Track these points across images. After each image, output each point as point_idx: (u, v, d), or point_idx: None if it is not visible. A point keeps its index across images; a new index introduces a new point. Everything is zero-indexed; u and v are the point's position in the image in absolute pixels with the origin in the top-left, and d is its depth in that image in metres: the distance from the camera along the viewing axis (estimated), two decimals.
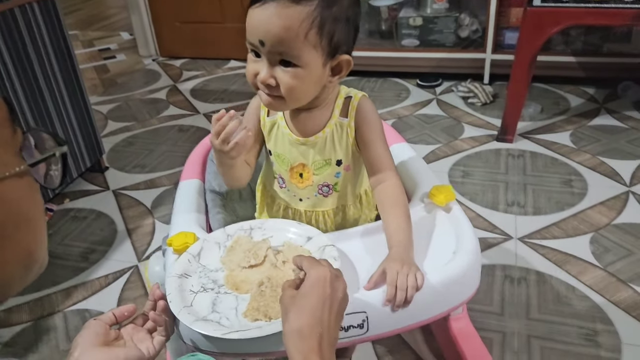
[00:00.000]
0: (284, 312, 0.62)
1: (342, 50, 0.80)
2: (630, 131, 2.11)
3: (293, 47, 0.75)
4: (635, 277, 1.41)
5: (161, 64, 3.15)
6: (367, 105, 0.88)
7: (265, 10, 0.74)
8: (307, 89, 0.81)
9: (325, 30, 0.76)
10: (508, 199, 1.76)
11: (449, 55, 2.57)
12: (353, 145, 0.89)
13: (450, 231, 0.86)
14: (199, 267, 0.80)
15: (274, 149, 0.93)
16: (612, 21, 1.83)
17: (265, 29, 0.75)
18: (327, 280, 0.62)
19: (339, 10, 0.76)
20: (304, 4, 0.74)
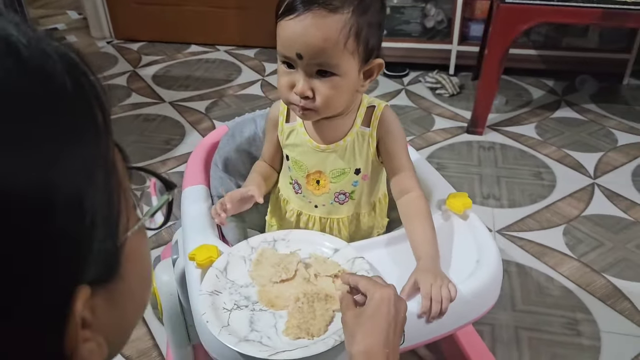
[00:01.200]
0: (350, 333, 0.62)
1: (375, 55, 0.80)
2: (590, 124, 2.21)
3: (333, 56, 0.75)
4: (607, 267, 1.50)
5: (117, 47, 3.00)
6: (390, 115, 0.89)
7: (301, 22, 0.73)
8: (344, 98, 0.81)
9: (362, 37, 0.76)
10: (484, 192, 1.81)
11: (416, 45, 2.59)
12: (373, 155, 0.89)
13: (470, 239, 0.87)
14: (228, 282, 0.78)
15: (292, 155, 0.91)
16: (580, 20, 1.91)
17: (304, 42, 0.74)
18: (392, 301, 0.63)
19: (372, 16, 0.77)
20: (341, 12, 0.73)
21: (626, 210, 1.71)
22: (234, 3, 2.86)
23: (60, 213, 0.28)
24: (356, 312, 0.64)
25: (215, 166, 1.05)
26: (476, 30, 2.54)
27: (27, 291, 0.27)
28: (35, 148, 0.27)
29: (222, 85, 2.55)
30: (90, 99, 0.32)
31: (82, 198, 0.29)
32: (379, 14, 0.79)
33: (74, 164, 0.29)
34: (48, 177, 0.27)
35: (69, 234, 0.29)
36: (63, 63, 0.30)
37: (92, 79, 0.33)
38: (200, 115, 2.30)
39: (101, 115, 0.32)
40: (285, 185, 0.97)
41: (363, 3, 0.75)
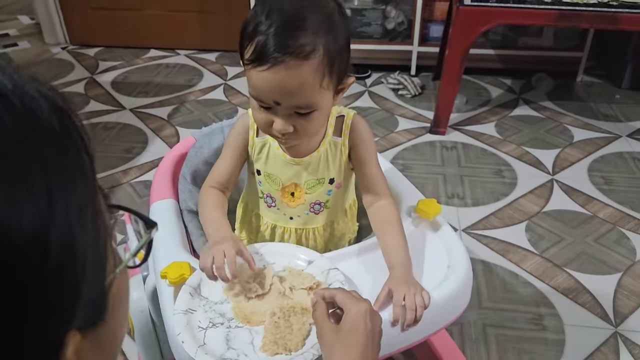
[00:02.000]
0: (328, 349, 0.62)
1: (347, 75, 0.80)
2: (547, 121, 2.28)
3: (310, 99, 0.76)
4: (568, 261, 1.55)
5: (73, 53, 2.92)
6: (361, 123, 0.90)
7: (276, 74, 0.72)
8: (322, 124, 0.84)
9: (335, 69, 0.76)
10: (448, 192, 1.85)
11: (377, 47, 2.62)
12: (346, 164, 0.91)
13: (440, 244, 0.89)
14: (202, 300, 0.77)
15: (264, 169, 0.91)
16: (536, 21, 1.97)
17: (281, 92, 0.74)
18: (368, 315, 0.64)
19: (341, 42, 0.77)
20: (313, 57, 0.73)
21: (583, 205, 1.78)
22: (194, 6, 2.82)
23: (54, 258, 0.27)
24: (333, 327, 0.64)
25: (184, 179, 1.04)
26: (436, 31, 2.58)
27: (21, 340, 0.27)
28: (30, 194, 0.27)
29: (183, 90, 2.52)
30: (77, 140, 0.31)
31: (75, 242, 0.29)
32: (346, 33, 0.79)
33: (67, 207, 0.28)
34: (43, 222, 0.27)
35: (63, 279, 0.28)
36: (49, 106, 0.30)
37: (76, 121, 0.32)
38: (162, 121, 2.26)
39: (87, 157, 0.32)
40: (254, 200, 0.97)
41: (331, 34, 0.75)
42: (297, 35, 0.72)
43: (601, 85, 2.58)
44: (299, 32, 0.72)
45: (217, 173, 0.92)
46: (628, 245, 1.61)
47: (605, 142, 2.13)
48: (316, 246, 0.97)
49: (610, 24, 1.85)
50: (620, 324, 1.36)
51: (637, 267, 1.53)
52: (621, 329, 1.34)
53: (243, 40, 0.76)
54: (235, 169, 0.93)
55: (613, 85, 2.57)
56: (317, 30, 0.73)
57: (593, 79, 2.63)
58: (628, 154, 2.05)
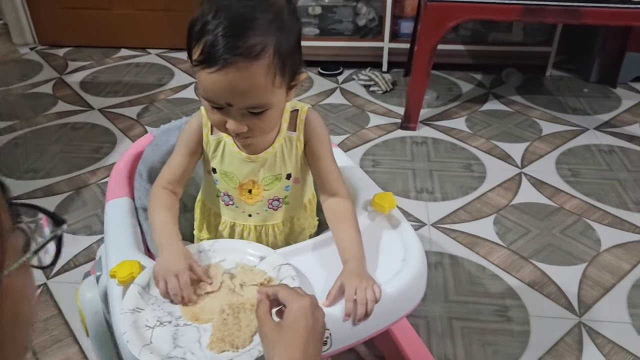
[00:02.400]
0: (269, 346, 0.61)
1: (299, 72, 0.80)
2: (516, 115, 2.30)
3: (262, 98, 0.75)
4: (534, 253, 1.57)
5: (41, 54, 2.87)
6: (315, 117, 0.89)
7: (225, 76, 0.71)
8: (277, 121, 0.84)
9: (287, 68, 0.75)
10: (417, 186, 1.85)
11: (349, 44, 2.62)
12: (302, 159, 0.90)
13: (396, 238, 0.89)
14: (151, 298, 0.76)
15: (220, 167, 0.90)
16: (503, 16, 1.98)
17: (232, 94, 0.73)
18: (309, 311, 0.63)
19: (292, 40, 0.76)
20: (263, 56, 0.71)
21: (551, 197, 1.79)
22: (163, 5, 2.79)
23: None
24: (275, 325, 0.64)
25: (140, 177, 1.02)
26: (406, 28, 2.59)
27: None
28: None
29: (153, 89, 2.49)
30: None
31: None
32: (297, 31, 0.77)
33: None
34: None
35: None
36: None
37: None
38: (131, 121, 2.23)
39: None
40: (211, 199, 0.96)
41: (282, 32, 0.73)
42: (246, 36, 0.70)
43: (569, 79, 2.61)
44: (248, 32, 0.70)
45: (168, 172, 0.90)
46: (593, 236, 1.62)
47: (573, 135, 2.15)
48: (276, 242, 0.96)
49: (574, 18, 1.87)
50: (585, 314, 1.37)
51: (601, 257, 1.55)
52: (585, 319, 1.36)
53: (190, 40, 0.74)
54: (188, 168, 0.91)
55: (581, 79, 2.60)
56: (267, 29, 0.72)
57: (562, 73, 2.66)
58: (595, 147, 2.08)
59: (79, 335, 1.30)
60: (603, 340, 1.30)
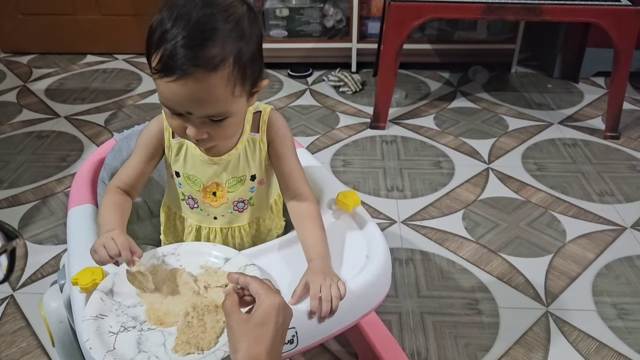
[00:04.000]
0: (234, 339, 0.61)
1: (259, 79, 0.79)
2: (483, 112, 2.34)
3: (222, 107, 0.74)
4: (502, 246, 1.60)
5: (4, 62, 2.81)
6: (278, 119, 0.90)
7: (184, 85, 0.70)
8: (238, 127, 0.84)
9: (247, 77, 0.75)
10: (388, 185, 1.87)
11: (317, 45, 2.63)
12: (266, 160, 0.90)
13: (360, 235, 0.90)
14: (114, 304, 0.75)
15: (183, 171, 0.90)
16: (466, 15, 2.01)
17: (191, 104, 0.73)
18: (281, 309, 0.64)
19: (252, 48, 0.75)
20: (222, 67, 0.71)
21: (517, 191, 1.83)
22: (129, 10, 2.77)
23: None
24: (242, 317, 0.64)
25: (103, 183, 1.01)
26: (374, 28, 2.61)
27: None
28: None
29: (121, 95, 2.46)
30: None
31: None
32: (257, 38, 0.76)
33: None
34: None
35: None
36: None
37: None
38: (99, 128, 2.20)
39: None
40: (176, 203, 0.95)
41: (242, 41, 0.73)
42: (205, 46, 0.69)
43: (534, 76, 2.67)
44: (208, 42, 0.69)
45: (124, 173, 0.90)
46: (559, 228, 1.66)
47: (538, 130, 2.20)
48: (243, 244, 0.97)
49: (534, 15, 1.91)
50: (552, 304, 1.40)
51: (567, 248, 1.58)
52: (552, 308, 1.39)
53: (149, 47, 0.73)
54: (144, 172, 0.90)
55: (545, 75, 2.66)
56: (226, 39, 0.71)
57: (526, 70, 2.72)
58: (559, 140, 2.12)
59: (47, 346, 1.28)
60: (570, 328, 1.33)
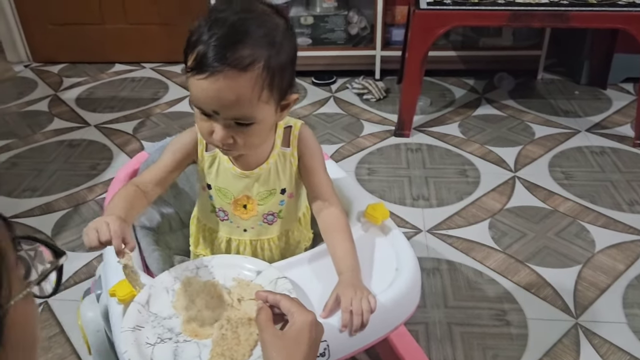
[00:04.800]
0: (268, 355, 0.63)
1: (290, 92, 0.81)
2: (509, 119, 2.33)
3: (248, 111, 0.76)
4: (530, 256, 1.58)
5: (36, 71, 2.89)
6: (308, 133, 0.92)
7: (214, 83, 0.73)
8: (264, 137, 0.84)
9: (275, 84, 0.77)
10: (413, 193, 1.87)
11: (341, 52, 2.64)
12: (296, 173, 0.92)
13: (389, 248, 0.91)
14: (151, 316, 0.77)
15: (215, 183, 0.92)
16: (491, 22, 2.01)
17: (219, 103, 0.75)
18: (313, 326, 0.65)
19: (283, 58, 0.77)
20: (251, 69, 0.74)
21: (544, 200, 1.81)
22: (156, 19, 2.82)
23: None
24: (277, 333, 0.65)
25: None
26: (398, 35, 2.61)
27: None
28: None
29: (149, 104, 2.51)
30: None
31: None
32: (290, 51, 0.79)
33: None
34: None
35: None
36: None
37: None
38: (128, 136, 2.25)
39: None
40: (207, 215, 0.97)
41: (274, 49, 0.76)
42: (237, 47, 0.73)
43: (560, 82, 2.64)
44: (239, 44, 0.73)
45: (147, 174, 0.91)
46: (587, 238, 1.64)
47: (565, 138, 2.17)
48: (272, 256, 0.98)
49: (561, 22, 1.90)
50: (581, 315, 1.39)
51: (596, 258, 1.56)
52: (581, 320, 1.37)
53: (187, 50, 0.77)
54: (167, 178, 0.91)
55: (572, 82, 2.63)
56: (258, 43, 0.74)
57: (553, 76, 2.69)
58: (587, 148, 2.10)
59: (81, 352, 1.31)
60: (600, 341, 1.32)
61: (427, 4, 1.96)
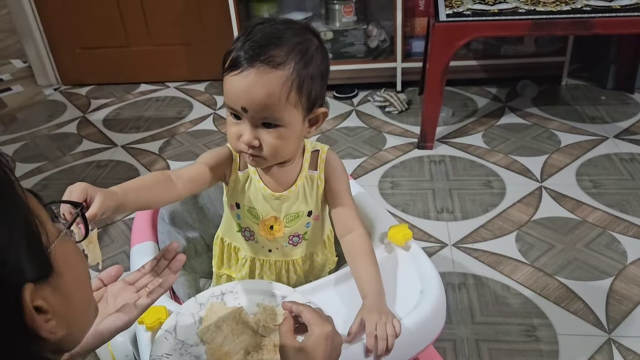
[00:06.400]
0: None
1: (318, 104, 0.84)
2: (533, 127, 2.30)
3: (276, 110, 0.78)
4: (559, 269, 1.55)
5: (65, 94, 2.97)
6: (334, 158, 0.94)
7: (245, 78, 0.77)
8: (290, 146, 0.85)
9: (304, 89, 0.79)
10: (437, 206, 1.86)
11: (362, 66, 2.65)
12: (322, 196, 0.93)
13: (413, 269, 0.91)
14: (178, 343, 0.79)
15: (245, 203, 0.93)
16: (512, 32, 1.99)
17: (248, 98, 0.77)
18: (330, 338, 0.68)
19: (314, 69, 0.80)
20: (282, 68, 0.77)
21: (572, 210, 1.78)
22: (178, 39, 2.87)
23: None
24: (295, 344, 0.68)
25: (162, 220, 1.06)
26: (418, 46, 2.61)
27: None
28: None
29: (173, 123, 2.55)
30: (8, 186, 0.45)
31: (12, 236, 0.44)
32: (321, 65, 0.82)
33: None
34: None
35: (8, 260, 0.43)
36: None
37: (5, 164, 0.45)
38: (154, 156, 2.29)
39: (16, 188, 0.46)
40: (232, 234, 0.99)
41: (305, 57, 0.79)
42: (270, 48, 0.77)
43: (586, 88, 2.59)
44: (273, 46, 0.77)
45: (181, 168, 0.88)
46: (619, 249, 1.61)
47: (593, 145, 2.13)
48: (296, 278, 0.99)
49: (584, 29, 1.87)
50: (614, 330, 1.36)
51: (628, 270, 1.53)
52: (615, 335, 1.34)
53: (225, 57, 0.81)
54: (199, 176, 0.87)
55: (598, 87, 2.58)
56: (291, 49, 0.78)
57: (578, 82, 2.65)
58: (615, 156, 2.05)
59: None
60: (635, 357, 1.28)
61: (447, 15, 1.96)
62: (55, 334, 0.46)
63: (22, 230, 0.45)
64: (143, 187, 0.81)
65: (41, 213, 0.49)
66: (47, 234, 0.48)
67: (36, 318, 0.44)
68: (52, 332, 0.46)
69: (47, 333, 0.45)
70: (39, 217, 0.48)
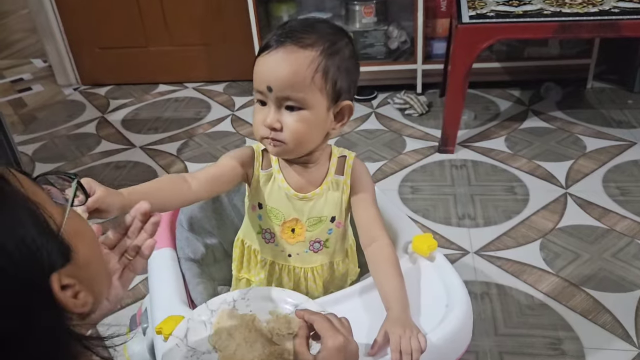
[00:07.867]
0: None
1: (344, 98, 0.83)
2: (558, 132, 2.24)
3: (300, 89, 0.78)
4: (585, 279, 1.51)
5: (84, 94, 2.98)
6: (361, 165, 0.92)
7: (273, 56, 0.79)
8: (312, 133, 0.83)
9: (330, 76, 0.79)
10: (459, 212, 1.82)
11: (382, 67, 2.62)
12: (347, 203, 0.91)
13: (438, 282, 0.87)
14: (189, 350, 0.77)
15: (267, 203, 0.91)
16: (537, 34, 1.94)
17: (274, 75, 0.78)
18: (343, 349, 0.66)
19: (340, 60, 0.80)
20: (310, 49, 0.78)
21: (599, 218, 1.73)
22: (197, 40, 2.87)
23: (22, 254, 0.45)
24: (310, 357, 0.67)
25: (181, 226, 1.04)
26: (439, 48, 2.57)
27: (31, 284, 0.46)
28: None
29: (192, 124, 2.54)
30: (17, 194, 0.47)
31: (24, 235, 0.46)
32: (349, 61, 0.82)
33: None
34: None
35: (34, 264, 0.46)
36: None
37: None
38: (172, 157, 2.28)
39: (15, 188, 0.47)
40: (252, 236, 0.97)
41: (334, 46, 0.80)
42: (301, 32, 0.80)
43: (612, 91, 2.53)
44: (304, 32, 0.80)
45: (199, 170, 0.87)
46: None
47: (620, 150, 2.07)
48: (315, 287, 0.96)
49: (612, 32, 1.81)
50: None
51: None
52: None
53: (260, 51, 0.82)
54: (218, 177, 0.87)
55: (624, 90, 2.51)
56: (322, 36, 0.80)
57: (604, 85, 2.58)
58: None
59: None
60: None
61: (470, 17, 1.92)
62: (87, 304, 0.49)
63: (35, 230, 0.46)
64: (152, 189, 0.80)
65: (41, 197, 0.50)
66: (53, 218, 0.49)
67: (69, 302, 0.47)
68: (84, 305, 0.49)
69: (80, 308, 0.48)
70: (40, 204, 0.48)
